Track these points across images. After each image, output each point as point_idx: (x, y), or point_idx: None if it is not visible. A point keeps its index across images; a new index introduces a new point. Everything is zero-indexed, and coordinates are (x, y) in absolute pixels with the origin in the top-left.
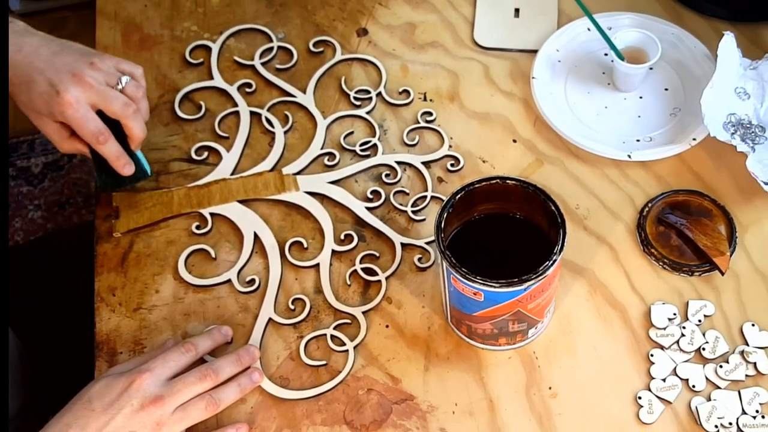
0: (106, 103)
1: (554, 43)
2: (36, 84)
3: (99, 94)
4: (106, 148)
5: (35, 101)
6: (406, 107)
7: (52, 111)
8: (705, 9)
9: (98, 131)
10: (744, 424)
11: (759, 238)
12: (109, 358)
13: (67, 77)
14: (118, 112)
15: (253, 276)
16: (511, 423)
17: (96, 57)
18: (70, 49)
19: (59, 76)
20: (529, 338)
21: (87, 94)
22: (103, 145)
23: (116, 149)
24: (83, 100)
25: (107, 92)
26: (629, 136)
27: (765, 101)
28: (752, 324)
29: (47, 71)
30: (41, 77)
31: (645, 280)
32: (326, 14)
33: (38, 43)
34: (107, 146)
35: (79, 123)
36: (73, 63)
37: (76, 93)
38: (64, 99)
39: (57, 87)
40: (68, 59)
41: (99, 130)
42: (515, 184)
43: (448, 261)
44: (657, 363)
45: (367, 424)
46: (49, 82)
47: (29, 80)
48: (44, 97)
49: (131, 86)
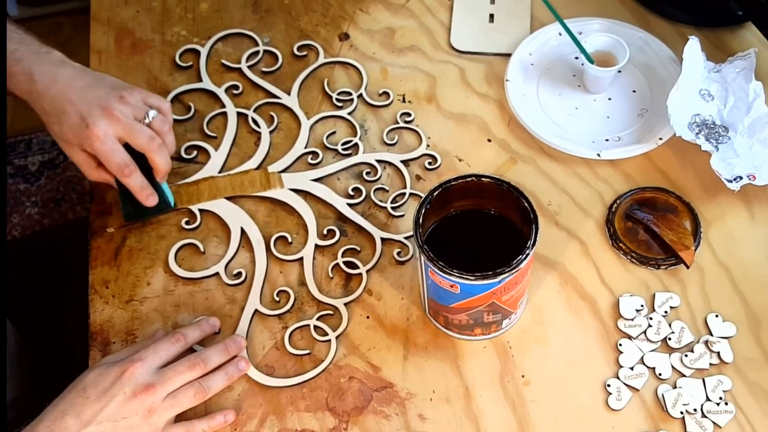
0: (132, 136)
1: (527, 47)
2: (67, 115)
3: (126, 128)
4: (131, 180)
5: (66, 132)
6: (386, 108)
7: (82, 143)
8: (671, 15)
9: (123, 164)
10: (708, 411)
11: (722, 233)
12: (103, 347)
13: (97, 111)
14: (143, 146)
15: (240, 269)
16: (486, 409)
17: (126, 91)
18: (103, 82)
19: (89, 109)
20: (503, 328)
21: (115, 128)
22: (128, 177)
23: (140, 181)
24: (111, 133)
25: (134, 126)
26: (599, 136)
27: (728, 103)
28: (716, 315)
29: (78, 104)
30: (72, 109)
31: (614, 274)
32: (309, 20)
33: (73, 75)
34: (132, 178)
35: (106, 155)
36: (104, 97)
37: (104, 126)
38: (93, 132)
39: (87, 120)
40: (99, 93)
41: (124, 163)
42: (490, 182)
43: (426, 255)
44: (625, 352)
45: (348, 410)
46: (80, 115)
47: (61, 111)
48: (74, 129)
49: (158, 120)
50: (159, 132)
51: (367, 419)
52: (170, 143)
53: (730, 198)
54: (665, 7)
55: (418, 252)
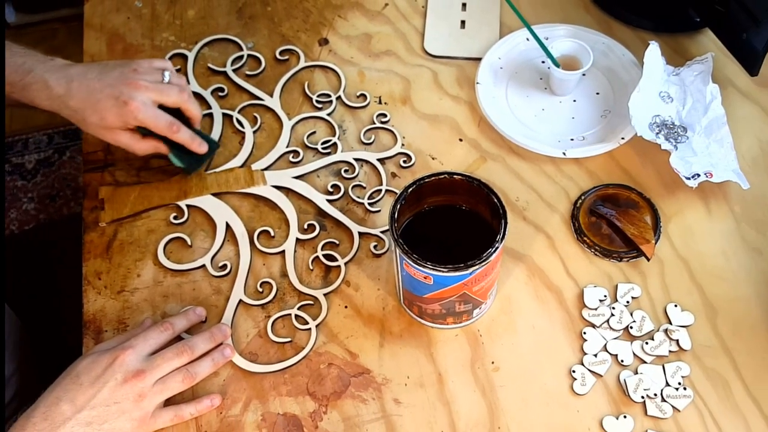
0: (164, 97)
1: (496, 52)
2: (101, 102)
3: (156, 91)
4: (181, 134)
5: (106, 117)
6: (363, 109)
7: (126, 119)
8: (632, 21)
9: (170, 122)
10: (667, 395)
11: (681, 227)
12: (96, 335)
13: (125, 87)
14: (176, 101)
15: (225, 261)
16: (457, 394)
17: (134, 64)
18: (108, 65)
19: (118, 88)
20: (474, 318)
21: (148, 95)
22: (178, 132)
23: (189, 133)
24: (147, 100)
25: (162, 88)
26: (564, 136)
27: (686, 104)
28: (675, 305)
29: (105, 89)
30: (103, 95)
31: (578, 266)
32: (291, 26)
33: (82, 70)
34: (181, 133)
35: (152, 121)
36: (121, 75)
37: (139, 96)
38: (133, 105)
39: (121, 98)
40: (115, 73)
41: (171, 121)
42: (461, 179)
43: (401, 248)
44: (589, 340)
45: (327, 395)
46: (113, 96)
47: (94, 101)
48: (113, 110)
49: (174, 77)
50: (179, 85)
51: (345, 403)
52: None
53: (688, 194)
54: (627, 13)
55: (394, 245)
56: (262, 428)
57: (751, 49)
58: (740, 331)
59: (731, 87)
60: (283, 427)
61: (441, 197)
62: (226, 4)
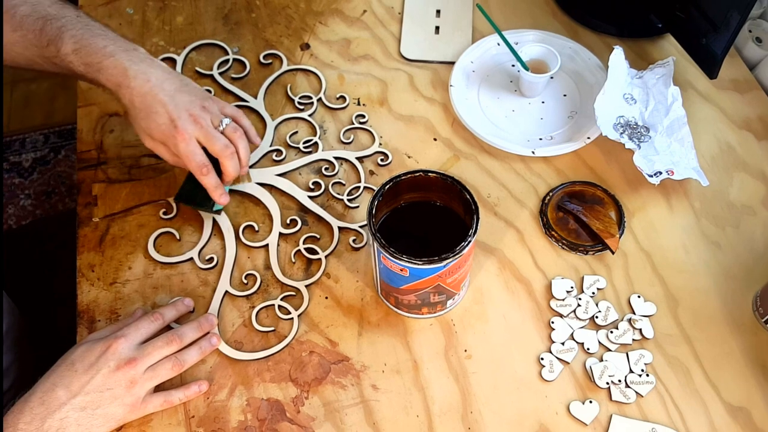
0: (210, 143)
1: (469, 56)
2: (158, 115)
3: (206, 134)
4: (207, 179)
5: (153, 129)
6: (343, 110)
7: (166, 141)
8: (597, 27)
9: (203, 164)
10: (631, 381)
11: (644, 222)
12: (89, 325)
13: (185, 115)
14: (219, 152)
15: (212, 255)
16: (432, 380)
17: (208, 100)
18: (188, 87)
19: (179, 113)
20: (447, 308)
21: (197, 133)
22: (205, 177)
23: (215, 181)
24: (194, 136)
25: (213, 134)
26: (533, 136)
27: (649, 106)
28: (638, 296)
29: (169, 105)
30: (163, 110)
31: (547, 258)
32: (274, 31)
33: (163, 77)
34: (208, 178)
35: (188, 156)
36: (191, 103)
37: (190, 130)
38: (181, 134)
39: (176, 122)
40: (187, 98)
41: (204, 163)
42: (436, 176)
43: (378, 242)
44: (557, 329)
45: (309, 381)
46: (170, 117)
47: (152, 110)
48: (163, 128)
49: (230, 128)
50: (230, 138)
51: (325, 389)
52: (242, 149)
53: (651, 191)
54: (592, 20)
55: (372, 239)
56: (247, 413)
57: (710, 53)
58: (700, 320)
59: (691, 89)
60: (266, 412)
61: (416, 194)
62: (212, 10)
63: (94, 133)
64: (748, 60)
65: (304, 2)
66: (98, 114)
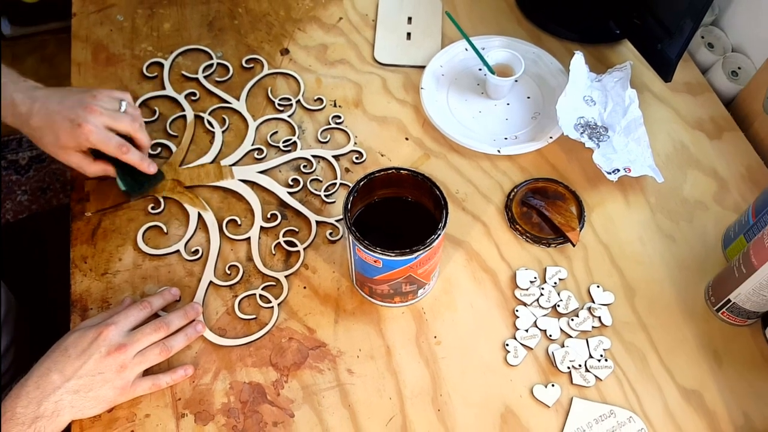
0: (116, 123)
1: (439, 60)
2: (57, 124)
3: (109, 117)
4: (130, 155)
5: (61, 138)
6: (320, 112)
7: (78, 141)
8: (559, 33)
9: (121, 144)
10: (591, 366)
11: (602, 216)
12: (82, 313)
13: (81, 111)
14: (127, 129)
15: (197, 247)
16: (404, 365)
17: (94, 91)
18: (72, 91)
19: (74, 111)
20: (418, 297)
21: (101, 119)
22: (128, 154)
23: (139, 155)
24: (100, 124)
25: (115, 115)
26: (499, 135)
27: (608, 107)
28: (597, 285)
29: (63, 111)
30: (60, 117)
31: (511, 251)
32: (256, 37)
33: (46, 93)
34: (131, 154)
35: (103, 142)
36: (80, 100)
37: (93, 120)
38: (86, 128)
39: (77, 120)
40: (75, 98)
41: (121, 143)
42: (407, 174)
43: (353, 235)
44: (521, 317)
45: (288, 365)
46: (69, 119)
47: (51, 122)
48: (68, 131)
49: (129, 107)
50: (133, 116)
51: (304, 373)
52: (142, 123)
53: (609, 187)
54: (555, 26)
55: (347, 233)
56: (230, 395)
57: (665, 58)
58: (655, 309)
59: (647, 92)
60: (248, 395)
61: (389, 190)
62: (198, 18)
63: None
64: (701, 64)
65: (284, 10)
66: None
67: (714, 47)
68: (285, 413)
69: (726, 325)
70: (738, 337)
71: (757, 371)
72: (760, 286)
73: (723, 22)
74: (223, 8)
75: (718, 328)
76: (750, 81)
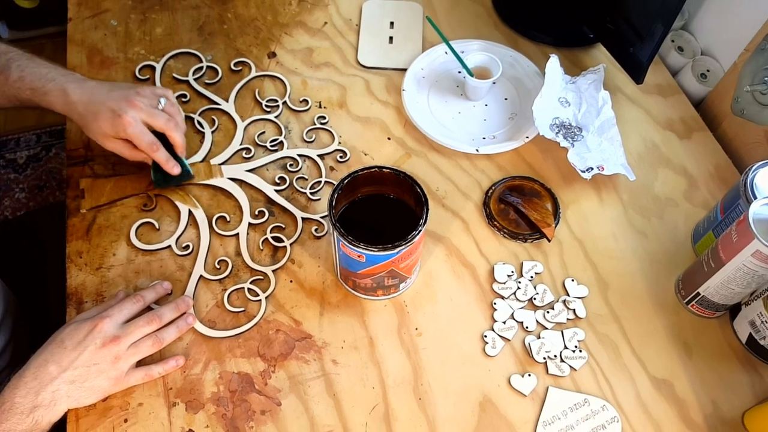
0: (153, 120)
1: (420, 63)
2: (101, 113)
3: (148, 114)
4: (158, 154)
5: (102, 126)
6: (306, 112)
7: (117, 130)
8: (535, 37)
9: (152, 141)
10: (566, 357)
11: (577, 213)
12: (77, 306)
13: (123, 104)
14: (162, 127)
15: (188, 243)
16: (386, 355)
17: (139, 87)
18: (119, 85)
19: (118, 104)
20: (400, 290)
21: (140, 114)
22: (156, 152)
23: (165, 155)
24: (138, 118)
25: (153, 112)
26: (477, 135)
27: (582, 108)
28: (572, 279)
29: (108, 102)
30: (104, 107)
31: (489, 246)
32: (244, 41)
33: (95, 84)
34: (158, 153)
35: (137, 137)
36: (125, 94)
37: (132, 113)
38: (125, 120)
39: (118, 111)
40: (121, 92)
41: (152, 141)
42: (390, 172)
43: (338, 231)
44: (499, 309)
45: (275, 356)
46: (111, 109)
47: (96, 111)
48: (109, 120)
49: (168, 105)
50: (171, 114)
51: (290, 364)
52: (181, 122)
53: (583, 185)
54: (531, 31)
55: (332, 228)
56: (219, 385)
57: (636, 61)
58: (628, 301)
59: (620, 93)
60: (237, 384)
61: (372, 187)
62: (188, 22)
63: (81, 133)
64: (671, 67)
65: (271, 15)
66: None
67: (684, 51)
68: (272, 402)
69: (695, 317)
70: (707, 329)
71: (725, 362)
72: (728, 280)
73: (692, 26)
74: (213, 13)
75: (688, 320)
76: (718, 83)
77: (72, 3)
